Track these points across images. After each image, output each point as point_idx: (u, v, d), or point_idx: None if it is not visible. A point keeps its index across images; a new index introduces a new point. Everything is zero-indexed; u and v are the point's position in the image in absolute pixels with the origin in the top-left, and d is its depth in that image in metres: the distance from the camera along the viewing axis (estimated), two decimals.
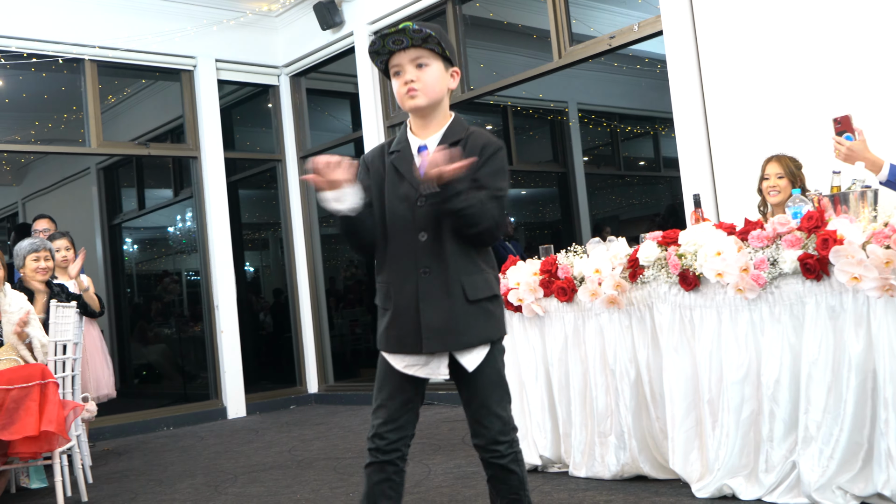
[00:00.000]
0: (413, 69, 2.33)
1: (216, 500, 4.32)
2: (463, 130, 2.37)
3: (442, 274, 2.29)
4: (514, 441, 2.36)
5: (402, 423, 2.35)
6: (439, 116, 2.39)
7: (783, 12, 5.15)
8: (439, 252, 2.29)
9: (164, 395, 10.50)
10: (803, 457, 3.15)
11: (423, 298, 2.29)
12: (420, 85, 2.32)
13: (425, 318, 2.29)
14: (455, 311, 2.28)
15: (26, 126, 9.75)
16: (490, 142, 2.35)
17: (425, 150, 2.36)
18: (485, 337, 2.32)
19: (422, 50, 2.32)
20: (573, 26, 6.67)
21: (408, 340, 2.31)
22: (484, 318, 2.32)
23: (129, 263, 12.48)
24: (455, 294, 2.28)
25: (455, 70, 2.40)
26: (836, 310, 3.11)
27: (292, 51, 8.76)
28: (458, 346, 2.29)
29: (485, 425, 2.33)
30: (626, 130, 12.46)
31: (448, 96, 2.40)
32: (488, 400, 2.33)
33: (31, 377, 4.16)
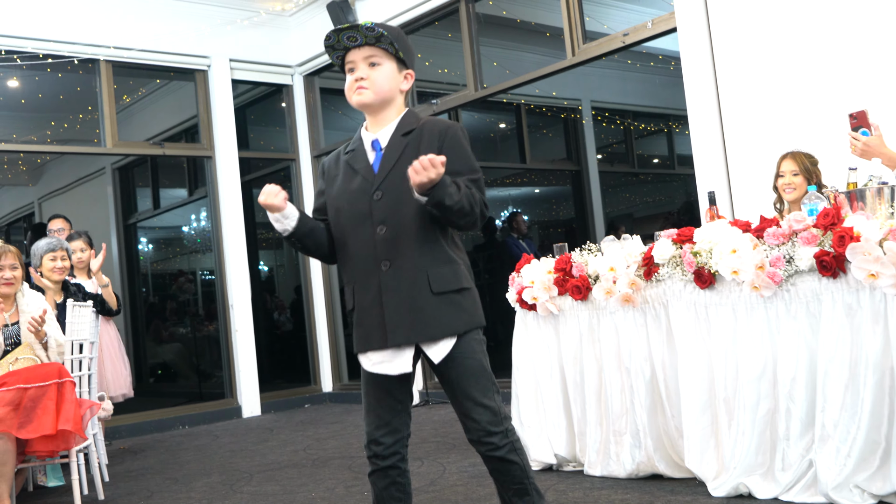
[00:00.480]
0: (365, 67, 2.38)
1: (232, 499, 4.33)
2: (415, 121, 2.39)
3: (404, 266, 2.29)
4: (507, 430, 2.33)
5: (394, 425, 2.36)
6: (391, 113, 2.41)
7: (798, 8, 5.12)
8: (399, 244, 2.29)
9: (180, 393, 10.53)
10: (820, 455, 3.13)
11: (384, 291, 2.29)
12: (368, 83, 2.37)
13: (388, 311, 2.29)
14: (419, 303, 2.27)
15: (42, 126, 9.81)
16: (447, 126, 2.36)
17: (378, 143, 2.39)
18: (451, 329, 2.29)
19: (375, 49, 2.37)
20: (586, 24, 6.66)
21: (374, 336, 2.32)
22: (451, 309, 2.30)
23: (145, 263, 12.53)
24: (419, 286, 2.28)
25: (409, 73, 2.43)
26: (852, 307, 3.09)
27: (306, 50, 8.77)
28: (423, 337, 2.28)
29: (473, 418, 2.31)
30: (640, 128, 12.42)
31: (404, 97, 2.43)
32: (471, 390, 2.30)
33: (48, 376, 4.18)
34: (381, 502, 2.38)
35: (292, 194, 9.18)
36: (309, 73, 8.95)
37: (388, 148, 2.37)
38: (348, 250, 2.38)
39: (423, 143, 2.32)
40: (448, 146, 2.31)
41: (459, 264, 2.35)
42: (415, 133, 2.36)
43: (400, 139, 2.36)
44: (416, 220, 2.28)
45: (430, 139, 2.33)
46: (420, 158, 2.13)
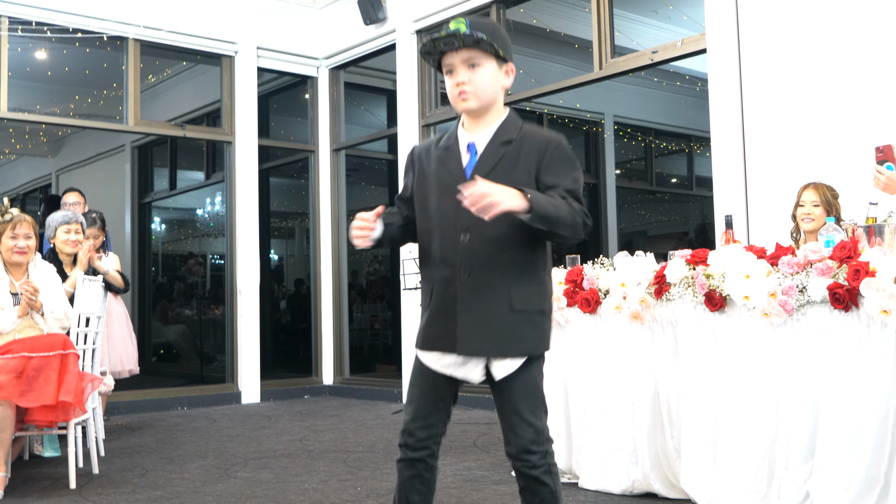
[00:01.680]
0: (465, 70, 2.26)
1: (225, 483, 4.34)
2: (516, 129, 2.29)
3: (484, 278, 2.23)
4: (547, 452, 2.28)
5: (431, 420, 2.33)
6: (492, 114, 2.31)
7: (829, 38, 5.10)
8: (483, 254, 2.22)
9: (181, 375, 10.57)
10: (818, 486, 3.12)
11: (462, 300, 2.24)
12: (471, 87, 2.26)
13: (461, 319, 2.24)
14: (496, 318, 2.22)
15: (66, 99, 9.86)
16: (548, 139, 2.27)
17: (474, 147, 2.30)
18: (524, 350, 2.24)
19: (474, 50, 2.25)
20: (616, 38, 6.65)
21: (443, 339, 2.27)
22: (528, 330, 2.25)
23: (156, 242, 12.58)
24: (500, 301, 2.22)
25: (510, 66, 2.32)
26: (862, 342, 3.07)
27: (333, 43, 8.79)
28: (495, 353, 2.24)
29: (516, 433, 2.26)
30: (661, 146, 12.40)
31: (503, 94, 2.33)
32: (520, 407, 2.26)
33: (52, 347, 4.20)
34: (402, 490, 2.36)
35: (308, 186, 9.20)
36: (335, 67, 8.97)
37: (484, 154, 2.28)
38: (432, 249, 2.32)
39: (521, 156, 2.24)
40: (548, 161, 2.24)
41: (545, 286, 2.30)
42: (515, 144, 2.27)
43: (498, 147, 2.27)
44: (504, 232, 2.21)
45: (528, 152, 2.25)
46: (467, 195, 2.07)
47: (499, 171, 2.23)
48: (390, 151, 9.45)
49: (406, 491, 2.35)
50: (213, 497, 4.02)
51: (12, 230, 4.62)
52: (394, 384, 8.12)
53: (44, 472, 4.77)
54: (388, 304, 11.45)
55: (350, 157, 9.42)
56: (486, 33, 2.23)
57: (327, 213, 8.96)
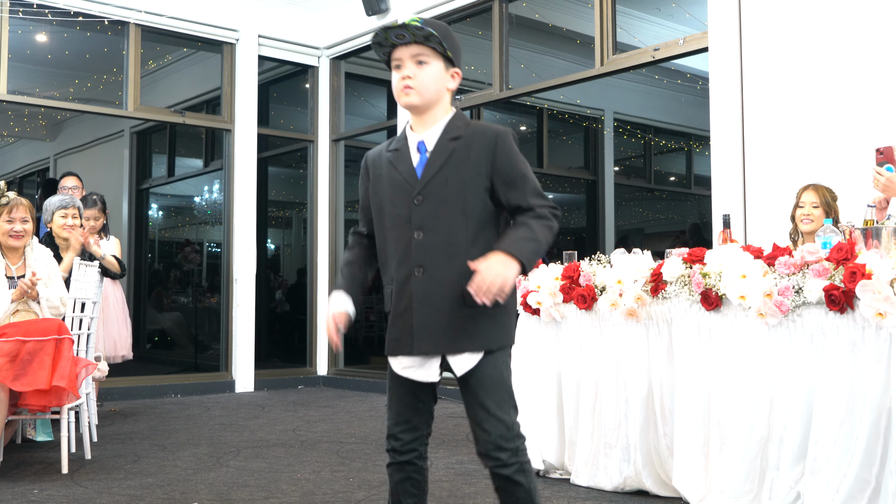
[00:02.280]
0: (413, 65, 2.29)
1: (217, 471, 4.34)
2: (463, 126, 2.32)
3: (438, 274, 2.24)
4: (518, 450, 2.25)
5: (414, 423, 2.33)
6: (438, 113, 2.33)
7: (831, 40, 5.10)
8: (436, 252, 2.24)
9: (175, 362, 10.57)
10: (809, 487, 3.12)
11: (416, 298, 2.25)
12: (416, 83, 2.28)
13: (417, 318, 2.25)
14: (451, 314, 2.23)
15: (65, 83, 9.83)
16: (496, 134, 2.29)
17: (423, 145, 2.32)
18: (481, 344, 2.24)
19: (423, 47, 2.28)
20: (618, 35, 6.65)
21: (403, 341, 2.28)
22: (485, 324, 2.24)
23: (153, 229, 12.56)
24: (452, 296, 2.22)
25: (456, 71, 2.34)
26: (856, 344, 3.07)
27: (335, 33, 8.77)
28: (451, 349, 2.24)
29: (485, 429, 2.24)
30: (660, 144, 12.40)
31: (450, 95, 2.35)
32: (486, 401, 2.24)
33: (47, 331, 4.19)
34: (395, 495, 2.36)
35: (307, 176, 9.18)
36: (336, 57, 8.95)
37: (433, 152, 2.29)
38: (388, 252, 2.33)
39: (472, 151, 2.26)
40: (501, 157, 2.26)
41: None
42: (463, 140, 2.28)
43: (447, 143, 2.29)
44: (456, 229, 2.24)
45: (480, 148, 2.26)
46: (474, 291, 2.13)
47: (449, 166, 2.26)
48: None
49: (399, 495, 2.35)
50: (204, 485, 4.03)
51: (8, 214, 4.61)
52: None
53: (36, 456, 4.77)
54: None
55: (349, 148, 9.41)
56: (437, 31, 2.26)
57: (325, 203, 8.95)
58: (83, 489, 3.95)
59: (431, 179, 2.27)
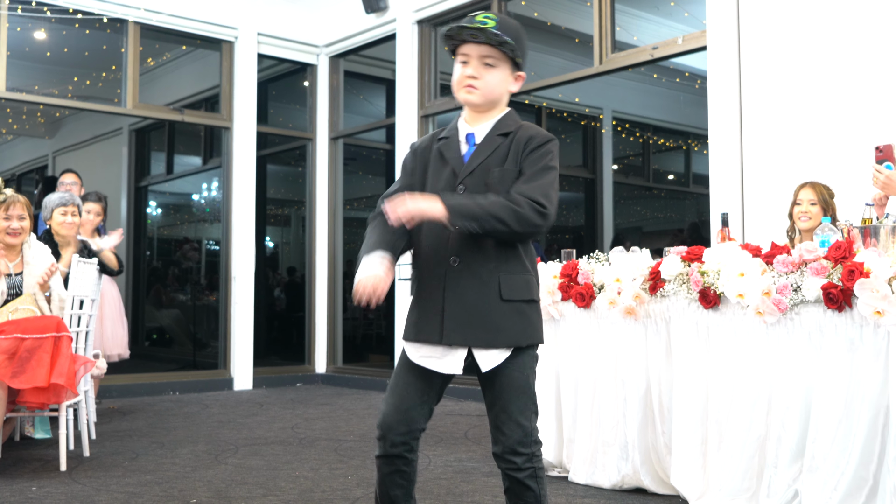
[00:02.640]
0: (479, 65, 2.28)
1: (216, 469, 4.34)
2: (514, 124, 2.33)
3: (475, 265, 2.22)
4: (534, 455, 2.25)
5: (412, 415, 2.28)
6: (493, 110, 2.35)
7: (829, 39, 5.10)
8: (473, 243, 2.22)
9: (173, 359, 10.57)
10: (807, 485, 3.13)
11: (449, 288, 2.22)
12: (481, 83, 2.28)
13: (449, 308, 2.22)
14: (485, 307, 2.21)
15: (64, 81, 9.81)
16: (537, 134, 2.30)
17: (473, 137, 2.33)
18: (513, 340, 2.22)
19: (494, 49, 2.27)
20: (616, 33, 6.65)
21: (428, 329, 2.25)
22: (517, 320, 2.23)
23: (152, 227, 12.56)
24: (489, 289, 2.21)
25: (520, 75, 2.35)
26: (854, 342, 3.08)
27: (334, 32, 8.77)
28: (480, 342, 2.21)
29: (504, 432, 2.24)
30: (659, 143, 12.40)
31: (507, 97, 2.37)
32: (509, 405, 2.23)
33: (45, 329, 4.20)
34: (382, 485, 2.34)
35: (305, 174, 9.18)
36: (335, 55, 8.95)
37: (481, 144, 2.31)
38: (423, 240, 2.31)
39: (512, 147, 2.28)
40: (527, 156, 2.26)
41: (532, 275, 2.30)
42: (511, 136, 2.30)
43: (495, 138, 2.31)
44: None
45: (518, 145, 2.28)
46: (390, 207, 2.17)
47: (493, 159, 2.28)
48: (388, 141, 9.43)
49: (386, 486, 2.33)
50: (203, 483, 4.03)
51: (5, 211, 4.61)
52: (386, 374, 8.13)
53: (34, 453, 4.77)
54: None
55: (348, 146, 9.41)
56: (512, 39, 2.26)
57: (324, 201, 8.95)
58: (81, 486, 3.95)
59: (476, 169, 2.28)
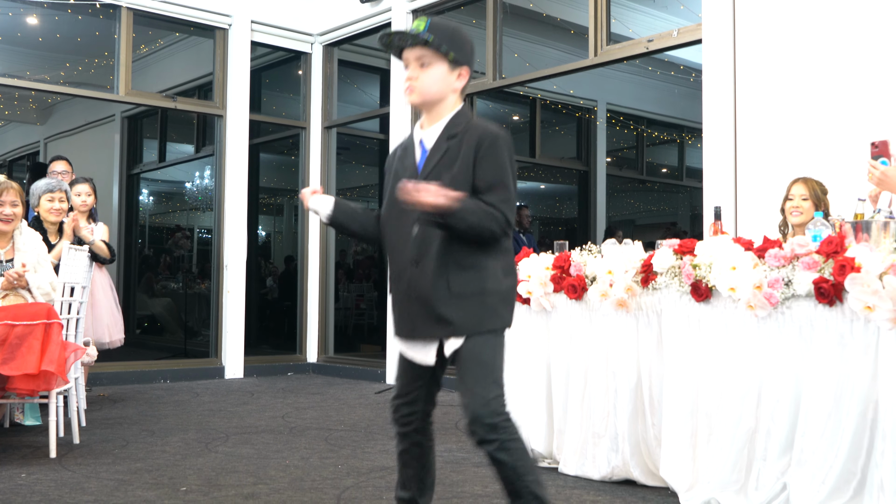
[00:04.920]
0: (416, 67, 2.41)
1: (206, 457, 4.34)
2: (463, 124, 2.41)
3: (429, 266, 2.35)
4: (497, 427, 2.30)
5: (412, 398, 2.51)
6: (442, 111, 2.43)
7: (824, 33, 5.11)
8: (430, 245, 2.36)
9: (165, 348, 10.56)
10: (795, 478, 3.14)
11: (411, 288, 2.39)
12: (417, 84, 2.41)
13: (413, 307, 2.40)
14: (437, 303, 2.34)
15: (56, 67, 9.77)
16: (485, 134, 2.36)
17: (423, 144, 2.44)
18: (466, 330, 2.35)
19: (426, 49, 2.38)
20: (612, 26, 6.64)
21: (402, 326, 2.46)
22: (471, 310, 2.35)
23: (144, 214, 12.54)
24: (439, 286, 2.34)
25: (463, 70, 2.43)
26: (845, 337, 3.09)
27: (328, 20, 8.74)
28: (439, 335, 2.38)
29: (463, 403, 2.35)
30: (653, 136, 12.41)
31: (458, 94, 2.45)
32: (465, 376, 2.35)
33: (36, 315, 4.18)
34: (400, 459, 2.58)
35: (298, 163, 9.16)
36: (329, 44, 8.92)
37: (431, 150, 2.42)
38: (390, 243, 2.48)
39: (462, 149, 2.35)
40: (483, 156, 2.34)
41: (486, 268, 2.37)
42: (458, 138, 2.38)
43: (443, 142, 2.40)
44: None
45: (468, 148, 2.35)
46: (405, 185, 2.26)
47: (442, 165, 2.38)
48: (382, 131, 9.43)
49: (402, 460, 2.58)
50: (193, 470, 4.03)
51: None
52: (378, 364, 8.13)
53: (24, 440, 4.77)
54: (375, 284, 11.46)
55: (341, 136, 9.39)
56: (440, 36, 2.36)
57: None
58: (71, 473, 3.95)
59: (427, 176, 2.38)
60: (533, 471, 2.36)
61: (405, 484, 2.58)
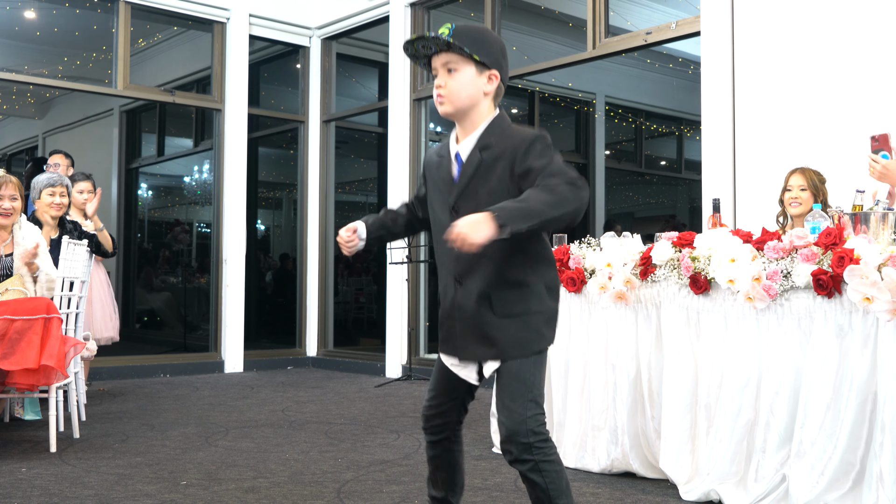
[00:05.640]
0: (444, 74, 2.30)
1: (206, 451, 4.35)
2: (498, 133, 2.29)
3: (472, 286, 2.29)
4: (532, 447, 2.24)
5: (445, 408, 2.46)
6: (476, 119, 2.32)
7: (823, 25, 5.10)
8: (471, 263, 2.28)
9: (164, 342, 10.56)
10: (794, 470, 3.15)
11: (457, 307, 2.34)
12: (446, 91, 2.29)
13: (459, 327, 2.34)
14: (481, 324, 2.29)
15: (54, 61, 9.75)
16: (521, 141, 2.24)
17: (459, 157, 2.33)
18: (507, 353, 2.29)
19: (451, 54, 2.28)
20: (610, 18, 6.63)
21: (448, 342, 2.40)
22: (512, 332, 2.28)
23: (143, 209, 12.52)
24: (482, 307, 2.28)
25: (492, 73, 2.30)
26: (843, 328, 3.09)
27: (327, 13, 8.72)
28: (487, 357, 2.32)
29: (500, 420, 2.30)
30: (652, 128, 12.40)
31: (490, 98, 2.32)
32: (502, 393, 2.29)
33: (35, 310, 4.18)
34: (430, 464, 2.55)
35: (297, 157, 9.16)
36: (327, 37, 8.90)
37: (466, 164, 2.31)
38: (437, 257, 2.44)
39: (500, 160, 2.25)
40: (521, 160, 2.22)
41: (529, 286, 2.29)
42: (492, 149, 2.27)
43: (477, 154, 2.29)
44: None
45: (504, 156, 2.24)
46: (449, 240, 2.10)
47: (478, 177, 2.29)
48: (380, 124, 9.42)
49: (432, 467, 2.55)
50: (193, 464, 4.03)
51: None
52: (377, 358, 8.14)
53: (24, 434, 4.77)
54: (374, 277, 11.46)
55: (340, 129, 9.38)
56: (464, 38, 2.26)
57: (315, 184, 8.92)
58: (71, 468, 3.95)
59: (464, 191, 2.30)
60: (566, 494, 2.28)
61: (437, 485, 2.54)
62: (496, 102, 2.36)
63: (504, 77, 2.35)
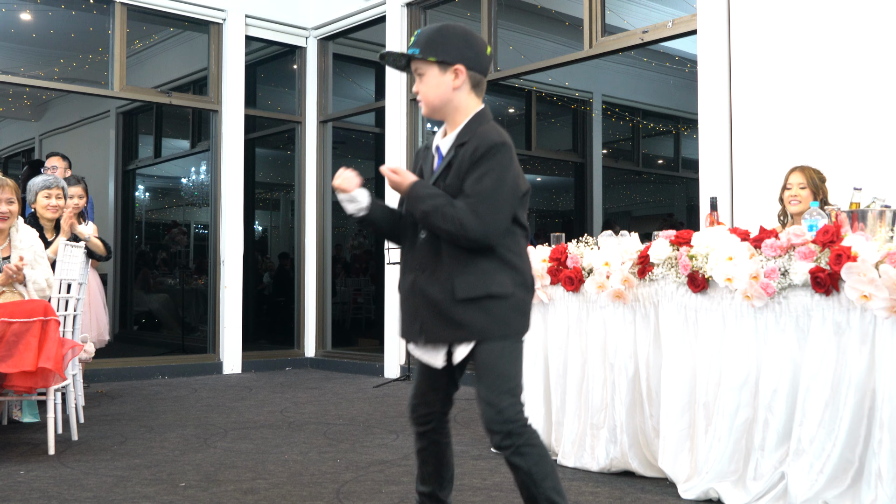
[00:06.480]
0: (417, 80, 2.43)
1: (204, 452, 4.34)
2: (473, 131, 2.36)
3: (435, 272, 2.36)
4: (511, 433, 2.29)
5: (428, 399, 2.51)
6: (458, 118, 2.41)
7: (819, 23, 5.10)
8: (435, 251, 2.36)
9: (162, 343, 10.55)
10: (793, 468, 3.15)
11: (417, 294, 2.40)
12: (421, 96, 2.42)
13: (420, 311, 2.39)
14: (443, 308, 2.34)
15: (51, 63, 9.74)
16: (482, 143, 2.31)
17: (440, 151, 2.45)
18: (474, 335, 2.34)
19: (415, 62, 2.40)
20: (607, 17, 6.63)
21: (410, 330, 2.45)
22: (478, 316, 2.32)
23: (140, 210, 12.51)
24: (445, 292, 2.34)
25: (454, 68, 2.36)
26: (841, 326, 3.09)
27: (323, 14, 8.72)
28: (447, 339, 2.37)
29: (480, 411, 2.36)
30: (649, 127, 12.41)
31: (465, 92, 2.39)
32: (479, 385, 2.35)
33: (33, 313, 4.17)
34: (419, 457, 2.58)
35: (294, 158, 9.16)
36: (324, 38, 8.90)
37: (445, 157, 2.42)
38: (404, 247, 2.50)
39: (466, 157, 2.33)
40: (474, 165, 2.30)
41: (490, 272, 2.33)
42: (465, 146, 2.35)
43: (453, 150, 2.38)
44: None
45: (468, 155, 2.32)
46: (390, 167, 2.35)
47: (447, 172, 2.38)
48: (377, 124, 9.41)
49: (420, 459, 2.59)
50: (192, 466, 4.03)
51: None
52: (376, 358, 8.13)
53: (22, 437, 4.76)
54: (372, 278, 11.46)
55: (337, 130, 9.37)
56: (421, 44, 2.37)
57: (313, 185, 8.92)
58: (70, 470, 3.95)
59: (434, 184, 2.39)
60: (551, 477, 2.32)
61: (425, 479, 2.59)
62: (478, 93, 2.43)
63: (474, 66, 2.40)
